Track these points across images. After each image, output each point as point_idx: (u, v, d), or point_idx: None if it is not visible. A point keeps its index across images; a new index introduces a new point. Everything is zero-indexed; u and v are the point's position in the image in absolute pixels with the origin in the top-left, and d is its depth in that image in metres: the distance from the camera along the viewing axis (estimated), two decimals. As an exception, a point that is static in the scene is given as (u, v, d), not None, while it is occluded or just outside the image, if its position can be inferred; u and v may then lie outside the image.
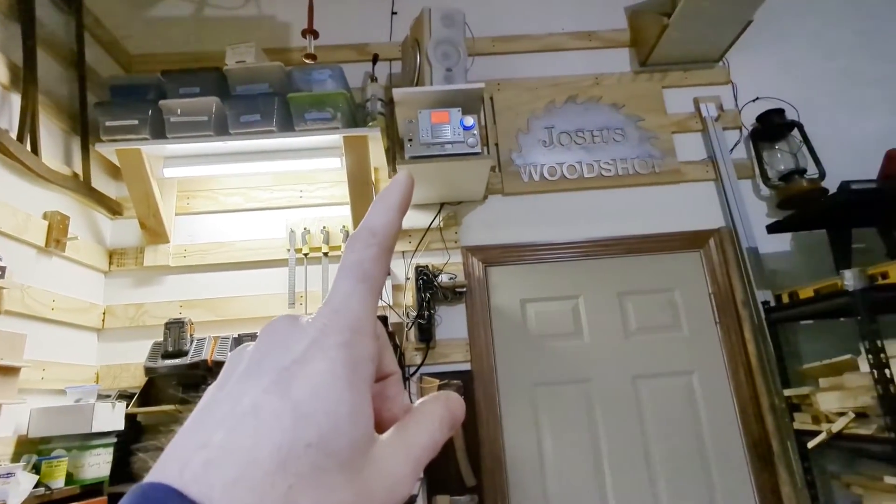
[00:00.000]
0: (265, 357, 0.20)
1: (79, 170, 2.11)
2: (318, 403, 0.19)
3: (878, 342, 1.63)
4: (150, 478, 0.17)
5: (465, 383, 2.11)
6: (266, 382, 0.19)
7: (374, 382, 0.22)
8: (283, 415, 0.18)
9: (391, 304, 2.21)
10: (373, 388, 0.21)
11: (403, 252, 2.31)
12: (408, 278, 2.26)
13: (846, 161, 2.37)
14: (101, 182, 2.23)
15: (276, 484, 0.17)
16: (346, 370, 0.20)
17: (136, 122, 2.07)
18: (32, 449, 1.71)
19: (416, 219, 2.37)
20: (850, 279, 1.72)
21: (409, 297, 2.23)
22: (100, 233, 2.27)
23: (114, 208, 2.30)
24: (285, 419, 0.18)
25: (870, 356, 1.63)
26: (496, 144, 2.50)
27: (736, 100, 2.58)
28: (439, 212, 2.36)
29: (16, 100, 1.83)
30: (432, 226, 2.34)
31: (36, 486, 1.56)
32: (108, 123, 2.07)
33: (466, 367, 2.18)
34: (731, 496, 2.08)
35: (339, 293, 0.22)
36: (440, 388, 2.07)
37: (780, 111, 2.44)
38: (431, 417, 0.23)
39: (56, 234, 1.90)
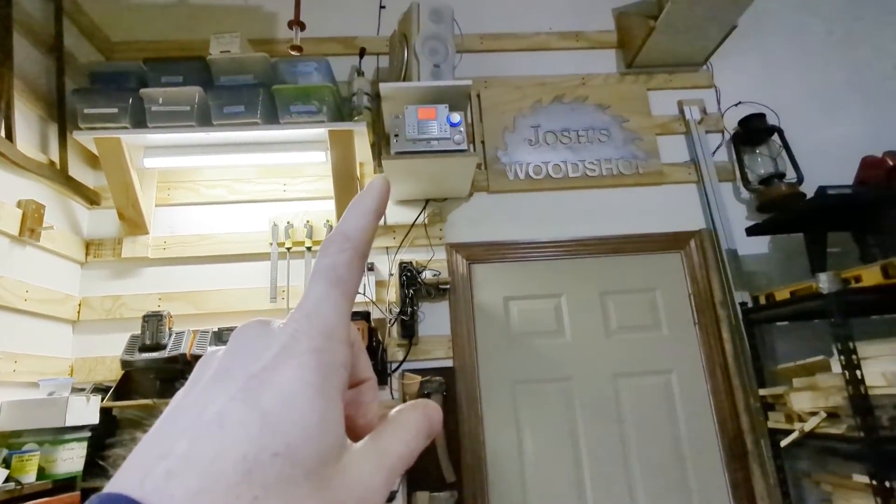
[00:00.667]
0: (234, 363, 0.20)
1: (55, 157, 2.06)
2: (286, 412, 0.18)
3: (850, 344, 1.67)
4: (109, 488, 0.17)
5: (446, 380, 2.11)
6: (234, 389, 0.19)
7: (347, 389, 0.21)
8: (250, 423, 0.17)
9: (374, 299, 2.20)
10: (346, 394, 0.21)
11: (388, 248, 2.31)
12: (391, 274, 2.25)
13: (824, 166, 2.42)
14: (78, 171, 2.18)
15: (241, 496, 0.16)
16: (317, 377, 0.19)
17: (115, 110, 2.03)
18: (3, 443, 1.66)
19: (400, 215, 2.36)
20: (824, 282, 1.76)
21: (392, 293, 2.22)
22: (76, 223, 2.22)
23: (91, 198, 2.25)
24: (252, 428, 0.17)
25: (842, 357, 1.67)
26: (482, 142, 2.50)
27: (719, 103, 2.62)
28: (424, 208, 2.36)
29: (-10, 84, 1.78)
30: (417, 222, 2.34)
31: (6, 480, 1.52)
32: (86, 111, 2.03)
33: (449, 363, 2.18)
34: (705, 492, 2.12)
35: (311, 298, 0.22)
36: (422, 384, 2.07)
37: (762, 116, 2.48)
38: (407, 426, 0.22)
39: (30, 224, 1.86)
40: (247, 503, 0.16)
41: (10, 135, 1.79)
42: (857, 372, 1.64)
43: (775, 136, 2.47)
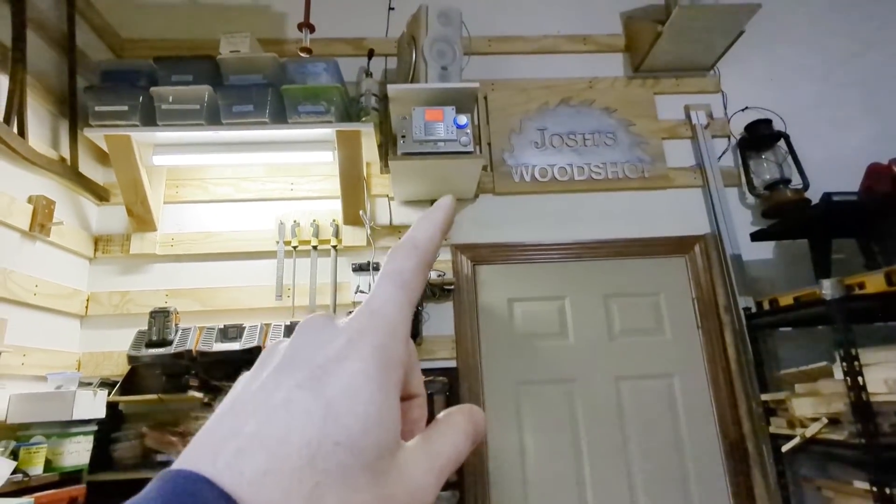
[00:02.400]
0: (300, 353, 0.21)
1: (66, 154, 2.08)
2: (349, 403, 0.19)
3: (853, 350, 1.67)
4: (179, 464, 0.17)
5: (450, 380, 2.12)
6: (300, 378, 0.19)
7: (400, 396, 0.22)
8: (315, 411, 0.18)
9: (379, 299, 2.21)
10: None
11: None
12: (396, 274, 2.26)
13: (830, 173, 2.42)
14: (88, 167, 2.20)
15: (304, 479, 0.17)
16: (380, 373, 0.20)
17: (126, 107, 2.05)
18: (11, 435, 1.69)
19: (406, 215, 2.37)
20: (828, 288, 1.76)
21: (396, 293, 2.23)
22: (86, 218, 2.24)
23: (101, 194, 2.27)
24: (316, 416, 0.18)
25: (844, 364, 1.68)
26: (489, 144, 2.51)
27: (725, 109, 2.62)
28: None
29: (3, 81, 1.80)
30: (422, 223, 2.34)
31: (14, 472, 1.55)
32: (97, 108, 2.05)
33: (452, 364, 2.19)
34: (706, 496, 2.13)
35: (378, 298, 0.22)
36: (426, 384, 2.08)
37: (768, 122, 2.49)
38: (456, 429, 0.23)
39: (41, 219, 1.88)
40: (309, 487, 0.17)
41: (22, 131, 1.81)
42: (859, 378, 1.64)
43: (781, 142, 2.47)
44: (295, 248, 2.27)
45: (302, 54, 2.21)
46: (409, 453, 0.20)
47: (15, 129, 1.79)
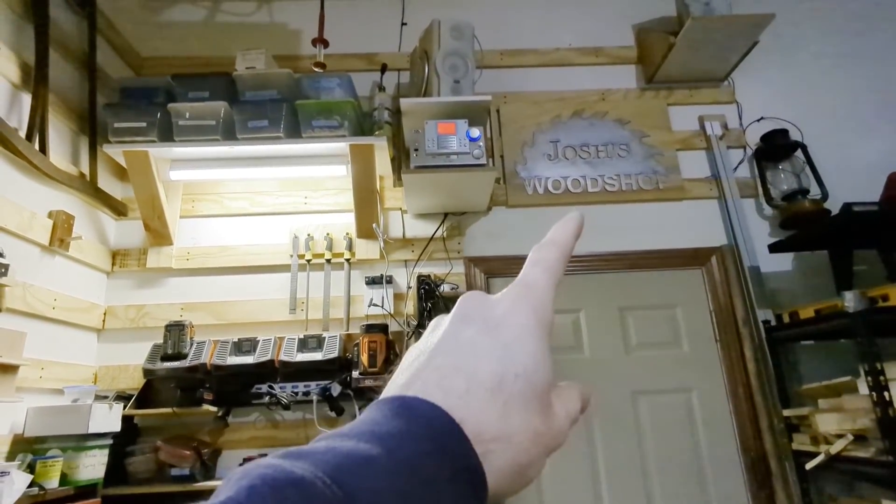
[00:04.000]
0: (470, 313, 0.26)
1: (86, 170, 2.12)
2: (522, 346, 0.24)
3: (878, 364, 1.63)
4: (396, 392, 0.22)
5: (463, 394, 2.10)
6: (476, 328, 0.25)
7: None
8: (495, 350, 0.23)
9: (392, 312, 2.21)
10: None
11: (406, 261, 2.32)
12: (409, 287, 2.26)
13: (849, 183, 2.38)
14: (107, 182, 2.24)
15: (496, 397, 0.22)
16: (538, 328, 0.25)
17: (144, 124, 2.09)
18: (28, 448, 1.70)
19: (419, 228, 2.37)
20: (850, 300, 1.72)
21: (410, 306, 2.23)
22: (104, 233, 2.27)
23: (119, 209, 2.31)
24: (498, 353, 0.23)
25: (869, 378, 1.63)
26: (501, 157, 2.51)
27: (740, 119, 2.60)
28: (443, 222, 2.37)
29: (26, 99, 1.84)
30: (436, 235, 2.35)
31: (30, 485, 1.55)
32: (116, 125, 2.09)
33: (465, 377, 2.17)
34: (728, 516, 2.07)
35: (529, 275, 0.28)
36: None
37: (784, 132, 2.46)
38: (574, 393, 0.27)
39: (60, 234, 1.91)
40: (501, 402, 0.22)
41: (43, 147, 1.85)
42: (886, 393, 1.59)
43: (798, 152, 2.44)
44: (308, 261, 2.28)
45: (316, 69, 2.24)
46: (554, 399, 0.25)
47: (37, 146, 1.83)
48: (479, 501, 0.20)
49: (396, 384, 0.23)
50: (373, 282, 2.24)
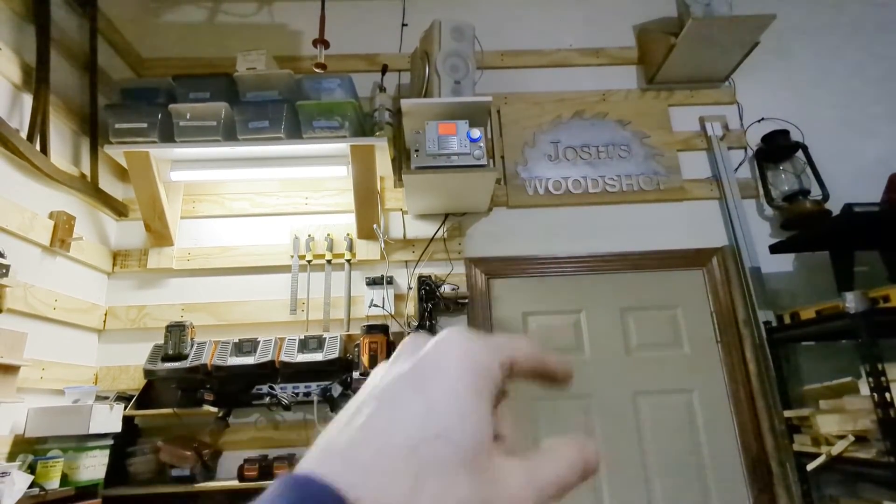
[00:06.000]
0: (404, 358, 0.23)
1: (87, 170, 2.12)
2: (448, 401, 0.20)
3: (879, 365, 1.62)
4: (316, 453, 0.20)
5: (464, 395, 2.10)
6: (407, 380, 0.22)
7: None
8: (418, 405, 0.20)
9: (392, 313, 2.21)
10: None
11: (406, 262, 2.32)
12: (410, 288, 2.26)
13: (850, 183, 2.38)
14: (107, 183, 2.24)
15: (408, 465, 0.19)
16: (477, 380, 0.22)
17: (145, 124, 2.09)
18: (28, 448, 1.70)
19: (420, 229, 2.37)
20: (851, 301, 1.72)
21: (410, 307, 2.23)
22: (104, 234, 2.27)
23: (119, 210, 2.31)
24: (419, 408, 0.20)
25: (870, 379, 1.63)
26: (502, 157, 2.51)
27: (741, 120, 2.60)
28: (443, 222, 2.37)
29: (27, 100, 1.84)
30: (436, 236, 2.35)
31: (31, 486, 1.55)
32: (117, 125, 2.09)
33: (466, 378, 2.17)
34: (729, 517, 2.07)
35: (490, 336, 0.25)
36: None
37: (785, 132, 2.46)
38: (559, 457, 0.23)
39: (61, 234, 1.91)
40: (412, 473, 0.18)
41: (44, 148, 1.85)
42: (887, 394, 1.59)
43: (799, 153, 2.43)
44: (309, 262, 2.28)
45: (317, 70, 2.24)
46: (506, 465, 0.21)
47: (38, 147, 1.83)
48: None
49: (328, 436, 0.21)
50: (373, 282, 2.24)
